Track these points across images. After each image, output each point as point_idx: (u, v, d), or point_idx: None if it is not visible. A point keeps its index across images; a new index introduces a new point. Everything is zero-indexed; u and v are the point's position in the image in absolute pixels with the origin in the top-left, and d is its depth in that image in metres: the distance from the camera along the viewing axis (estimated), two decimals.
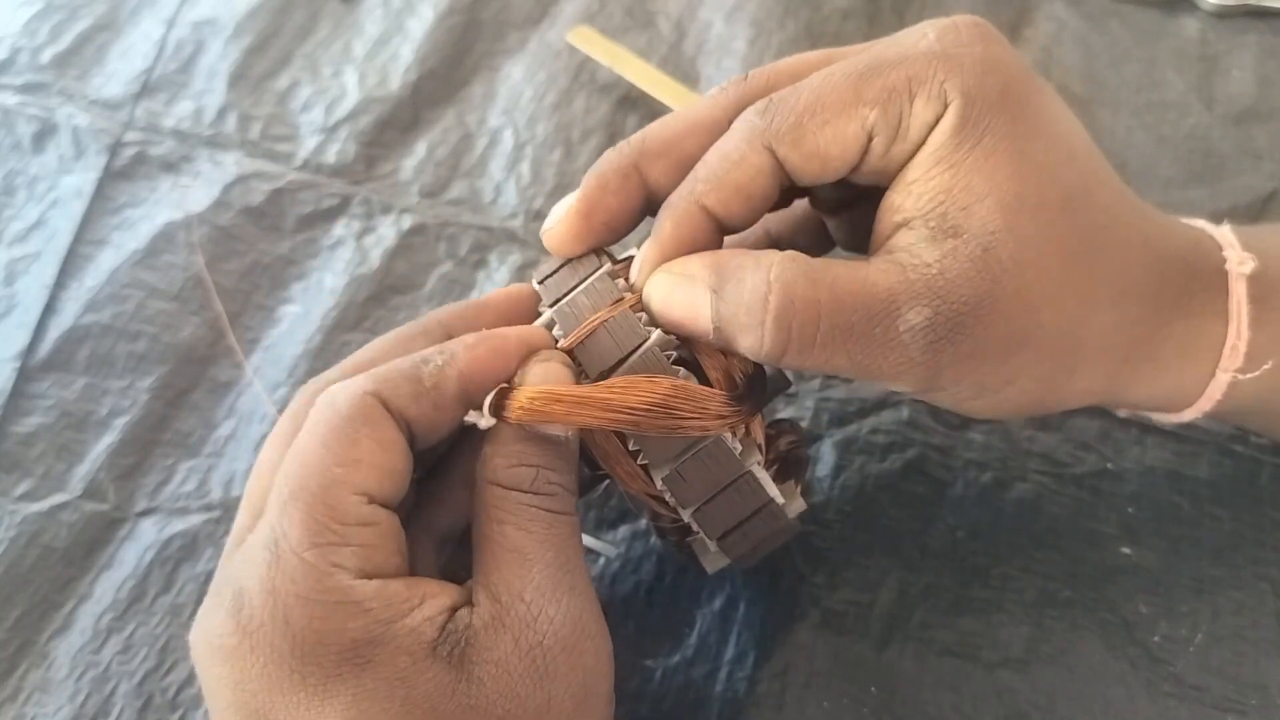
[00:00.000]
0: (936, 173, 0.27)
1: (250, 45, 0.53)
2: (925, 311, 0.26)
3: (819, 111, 0.27)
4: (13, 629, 0.36)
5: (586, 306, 0.29)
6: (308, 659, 0.24)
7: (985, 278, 0.26)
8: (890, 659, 0.34)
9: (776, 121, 0.28)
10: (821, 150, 0.27)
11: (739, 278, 0.27)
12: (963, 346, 0.27)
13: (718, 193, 0.28)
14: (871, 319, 0.26)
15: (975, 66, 0.27)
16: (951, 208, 0.26)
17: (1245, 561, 0.36)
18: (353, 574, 0.25)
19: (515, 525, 0.27)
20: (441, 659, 0.25)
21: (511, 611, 0.26)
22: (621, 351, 0.28)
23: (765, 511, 0.29)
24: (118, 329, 0.44)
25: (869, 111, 0.27)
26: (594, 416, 0.27)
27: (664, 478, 0.29)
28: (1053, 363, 0.28)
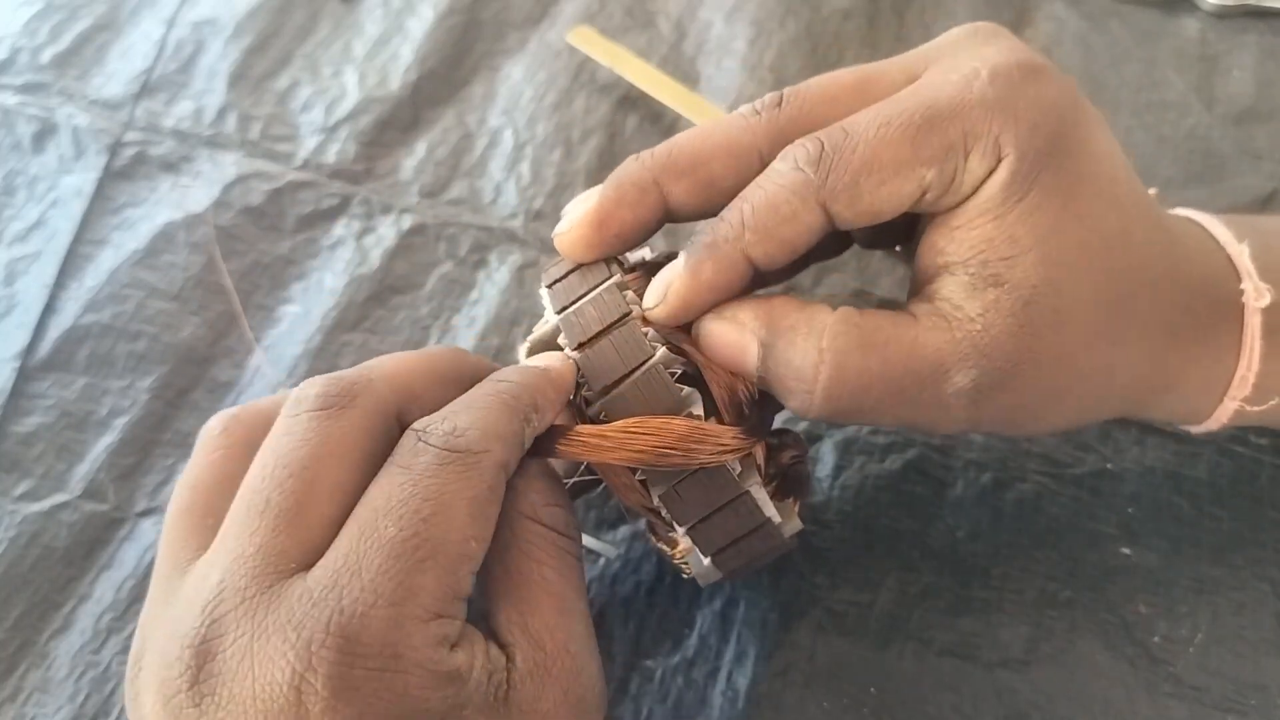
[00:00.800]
0: (981, 223, 0.27)
1: (250, 45, 0.53)
2: (972, 373, 0.27)
3: (876, 171, 0.26)
4: (12, 629, 0.36)
5: (594, 318, 0.29)
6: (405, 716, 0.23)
7: (1026, 333, 0.26)
8: (890, 659, 0.34)
9: (832, 180, 0.27)
10: (876, 208, 0.27)
11: (790, 339, 0.27)
12: (1003, 401, 0.27)
13: (765, 245, 0.28)
14: (921, 384, 0.27)
15: (1028, 115, 0.26)
16: (993, 257, 0.27)
17: (1245, 562, 0.36)
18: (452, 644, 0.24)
19: (555, 570, 0.27)
20: (495, 710, 0.24)
21: (559, 662, 0.25)
22: (626, 367, 0.28)
23: (761, 531, 0.29)
24: (118, 329, 0.44)
25: (926, 171, 0.26)
26: (609, 456, 0.27)
27: (661, 495, 0.29)
28: (1087, 404, 0.29)
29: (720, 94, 0.51)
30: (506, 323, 0.44)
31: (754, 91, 0.51)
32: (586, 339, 0.29)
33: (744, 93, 0.51)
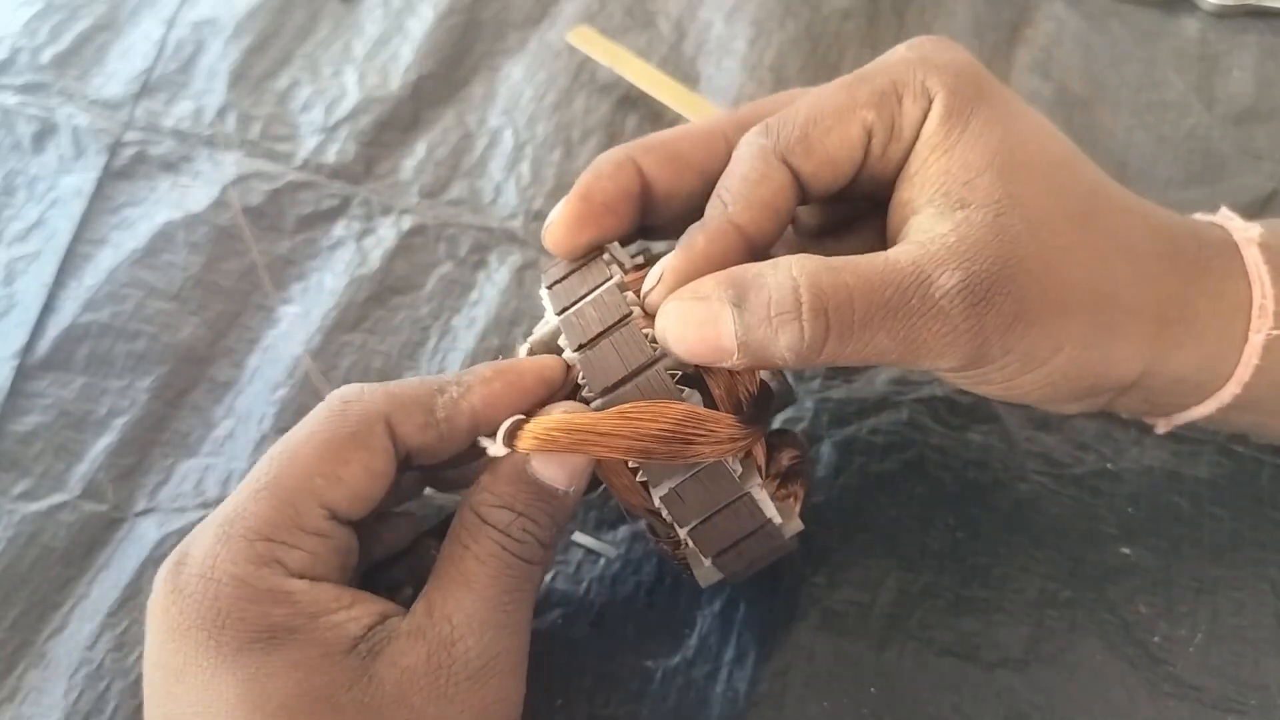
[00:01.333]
0: (934, 159, 0.28)
1: (250, 45, 0.53)
2: (957, 274, 0.26)
3: (820, 120, 0.29)
4: (11, 629, 0.36)
5: (594, 319, 0.29)
6: (225, 629, 0.26)
7: (1003, 241, 0.27)
8: (890, 659, 0.34)
9: (783, 136, 0.29)
10: (831, 155, 0.29)
11: (759, 284, 0.27)
12: (1004, 307, 0.27)
13: (748, 210, 0.29)
14: (905, 292, 0.26)
15: (949, 66, 0.29)
16: (953, 185, 0.28)
17: (1245, 561, 0.36)
18: (291, 573, 0.27)
19: (475, 555, 0.28)
20: (356, 656, 0.26)
21: (436, 628, 0.27)
22: (626, 368, 0.28)
23: (762, 532, 0.29)
24: (117, 328, 0.44)
25: (866, 113, 0.29)
26: (604, 447, 0.27)
27: (661, 496, 0.29)
28: (1092, 319, 0.28)
29: (720, 94, 0.51)
30: (506, 323, 0.44)
31: (754, 91, 0.51)
32: (587, 340, 0.29)
33: (744, 92, 0.50)
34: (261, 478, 0.28)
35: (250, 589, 0.26)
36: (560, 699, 0.34)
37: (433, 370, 0.43)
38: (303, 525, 0.27)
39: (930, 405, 0.40)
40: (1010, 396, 0.30)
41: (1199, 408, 0.31)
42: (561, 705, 0.34)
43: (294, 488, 0.27)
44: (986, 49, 0.51)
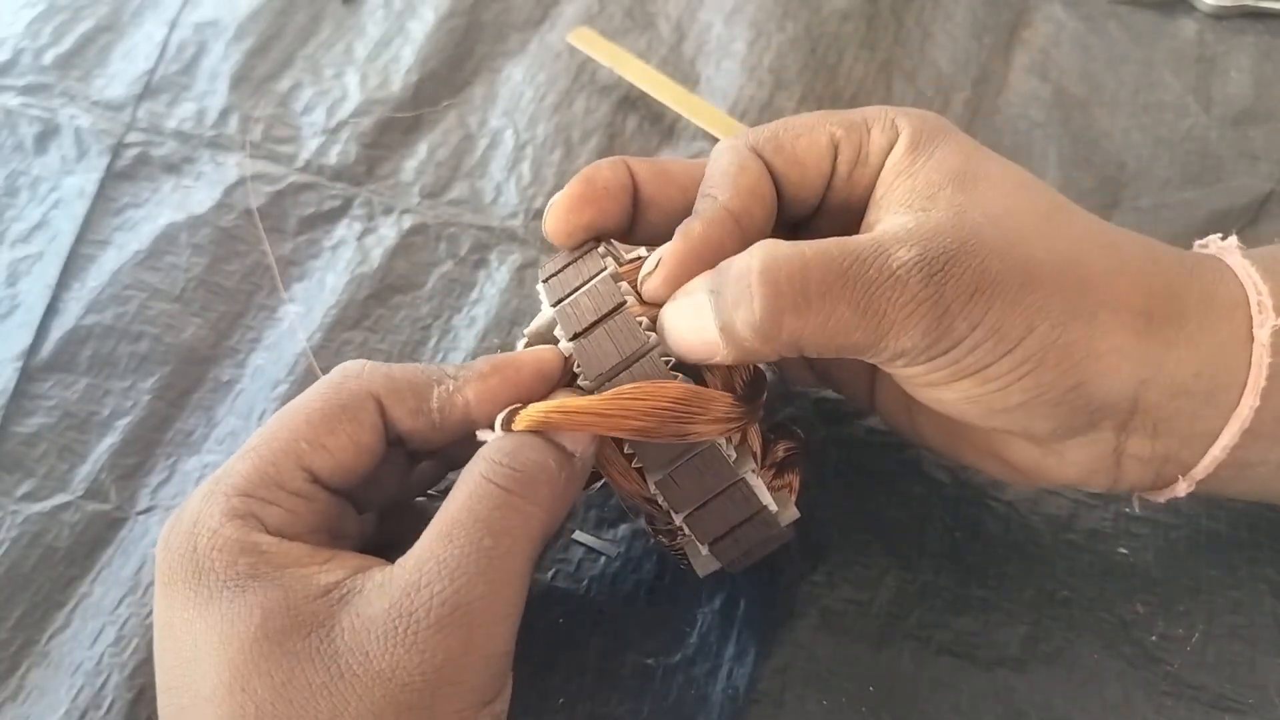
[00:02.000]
0: (899, 182, 0.29)
1: (252, 47, 0.53)
2: (915, 249, 0.27)
3: (790, 127, 0.31)
4: (14, 629, 0.36)
5: (588, 308, 0.29)
6: (201, 579, 0.26)
7: (964, 227, 0.27)
8: (888, 658, 0.34)
9: (753, 136, 0.31)
10: (799, 156, 0.31)
11: (727, 266, 0.28)
12: (964, 278, 0.27)
13: (737, 198, 0.30)
14: (863, 261, 0.27)
15: (917, 113, 0.31)
16: (915, 202, 0.29)
17: (1242, 561, 0.36)
18: (266, 528, 0.28)
19: (461, 499, 0.27)
20: (325, 603, 0.26)
21: (404, 576, 0.26)
22: (620, 355, 0.28)
23: (757, 519, 0.30)
24: (120, 329, 0.44)
25: (835, 129, 0.31)
26: (603, 425, 0.27)
27: (657, 482, 0.29)
28: (1064, 297, 0.27)
29: (719, 95, 0.51)
30: (507, 322, 0.44)
31: (753, 92, 0.51)
32: (581, 329, 0.29)
33: (743, 94, 0.51)
34: (252, 440, 0.29)
35: (223, 539, 0.27)
36: (561, 697, 0.34)
37: None
38: (281, 484, 0.28)
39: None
40: (993, 407, 0.28)
41: (1220, 441, 0.29)
42: (563, 704, 0.34)
43: (278, 449, 0.28)
44: (984, 50, 0.51)
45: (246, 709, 0.25)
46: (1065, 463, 0.30)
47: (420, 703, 0.25)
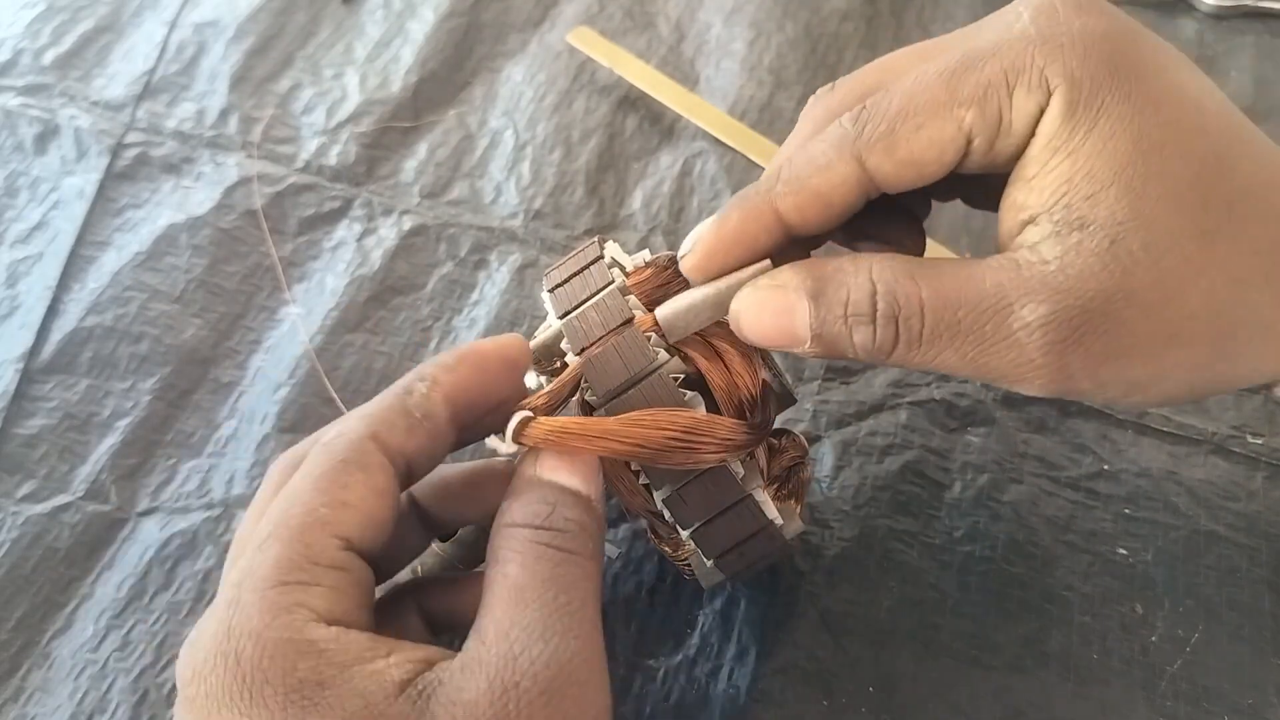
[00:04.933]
0: (1055, 163, 0.25)
1: (252, 47, 0.53)
2: (1042, 309, 0.24)
3: (911, 116, 0.26)
4: (15, 630, 0.36)
5: (596, 323, 0.29)
6: (255, 699, 0.23)
7: (1114, 270, 0.24)
8: (889, 658, 0.34)
9: (869, 130, 0.26)
10: (916, 157, 0.26)
11: (839, 280, 0.26)
12: (1094, 346, 0.25)
13: (795, 196, 0.27)
14: (980, 315, 0.25)
15: (1077, 45, 0.25)
16: (1075, 198, 0.25)
17: (1241, 561, 0.36)
18: (316, 615, 0.24)
19: (520, 564, 0.26)
20: (407, 701, 0.23)
21: (493, 650, 0.24)
22: (629, 372, 0.28)
23: (764, 533, 0.29)
24: (120, 331, 0.44)
25: (964, 112, 0.25)
26: (614, 450, 0.27)
27: (664, 499, 0.29)
28: (1209, 351, 0.26)
29: (719, 95, 0.51)
30: (507, 323, 0.44)
31: (753, 92, 0.51)
32: (590, 343, 0.29)
33: (743, 94, 0.51)
34: (263, 530, 0.25)
35: (271, 643, 0.23)
36: None
37: None
38: (317, 559, 0.25)
39: (928, 408, 0.40)
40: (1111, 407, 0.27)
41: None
42: None
43: (300, 525, 0.25)
44: None
45: None
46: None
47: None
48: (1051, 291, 0.24)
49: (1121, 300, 0.24)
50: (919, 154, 0.26)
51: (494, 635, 0.24)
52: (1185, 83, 0.26)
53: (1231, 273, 0.25)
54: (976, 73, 0.25)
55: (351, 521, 0.26)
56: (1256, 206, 0.25)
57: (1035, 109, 0.25)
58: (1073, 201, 0.25)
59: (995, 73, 0.25)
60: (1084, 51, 0.25)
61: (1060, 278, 0.24)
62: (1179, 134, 0.25)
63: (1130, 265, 0.24)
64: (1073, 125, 0.25)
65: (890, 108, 0.26)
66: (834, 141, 0.27)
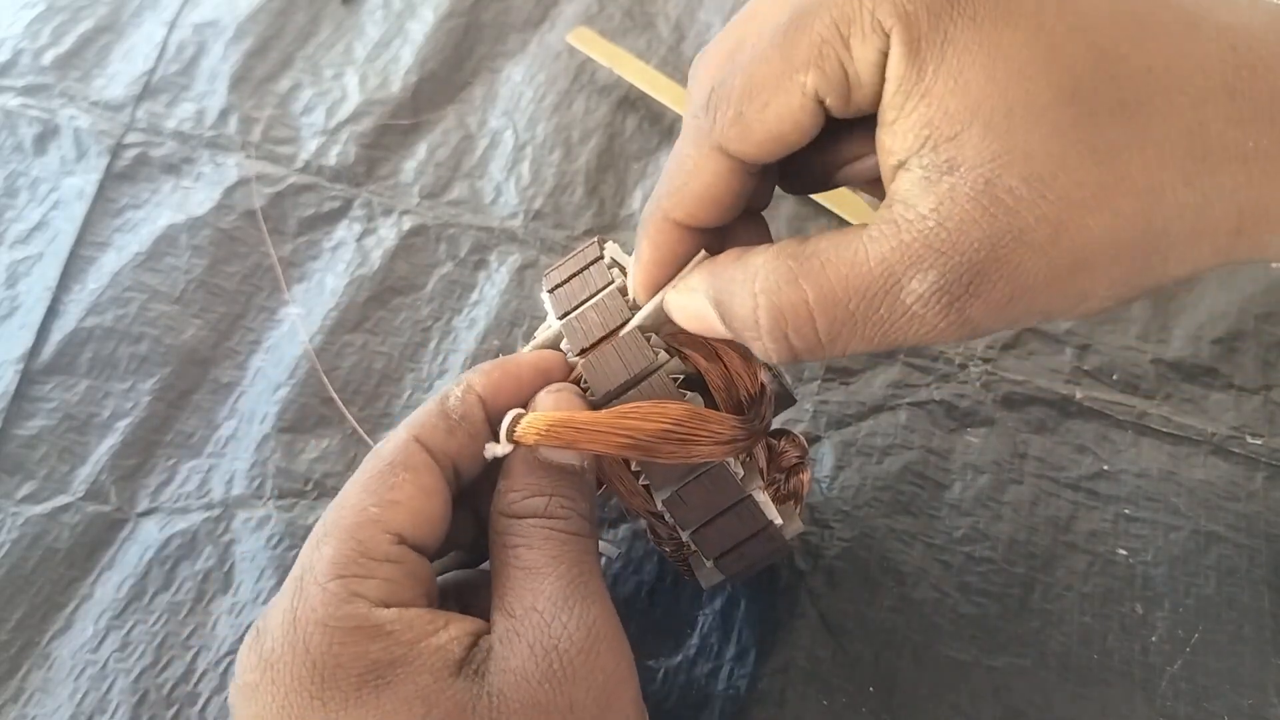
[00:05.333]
0: (910, 106, 0.23)
1: (251, 47, 0.53)
2: (930, 276, 0.23)
3: (755, 94, 0.24)
4: (15, 630, 0.36)
5: (596, 323, 0.29)
6: (327, 684, 0.24)
7: (996, 213, 0.22)
8: (888, 658, 0.34)
9: (719, 117, 0.25)
10: (773, 131, 0.25)
11: (731, 291, 0.26)
12: (993, 295, 0.23)
13: (683, 206, 0.27)
14: (871, 301, 0.24)
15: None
16: (939, 139, 0.23)
17: (1241, 562, 0.36)
18: (374, 603, 0.25)
19: (527, 546, 0.28)
20: (466, 677, 0.25)
21: (525, 621, 0.26)
22: (628, 372, 0.28)
23: (764, 534, 0.29)
24: (120, 331, 0.44)
25: (804, 78, 0.24)
26: (607, 443, 0.27)
27: (664, 499, 0.29)
28: (1127, 267, 0.24)
29: None
30: (507, 323, 0.44)
31: None
32: (589, 344, 0.29)
33: None
34: (317, 532, 0.27)
35: (339, 630, 0.25)
36: None
37: (434, 371, 0.43)
38: (371, 554, 0.26)
39: (928, 408, 0.40)
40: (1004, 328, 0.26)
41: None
42: None
43: (352, 524, 0.27)
44: None
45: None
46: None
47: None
48: (935, 254, 0.23)
49: (1011, 242, 0.22)
50: (774, 130, 0.25)
51: (521, 610, 0.26)
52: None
53: (1141, 184, 0.23)
54: (807, 32, 0.24)
55: (401, 518, 0.27)
56: (1163, 95, 0.23)
57: (877, 56, 0.23)
58: (937, 143, 0.23)
59: (826, 27, 0.23)
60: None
61: (941, 234, 0.23)
62: (1045, 46, 0.22)
63: (1012, 204, 0.22)
64: (919, 64, 0.23)
65: (734, 89, 0.25)
66: (693, 139, 0.26)
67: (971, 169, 0.22)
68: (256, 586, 0.37)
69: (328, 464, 0.40)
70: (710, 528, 0.29)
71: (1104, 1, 0.23)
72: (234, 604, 0.37)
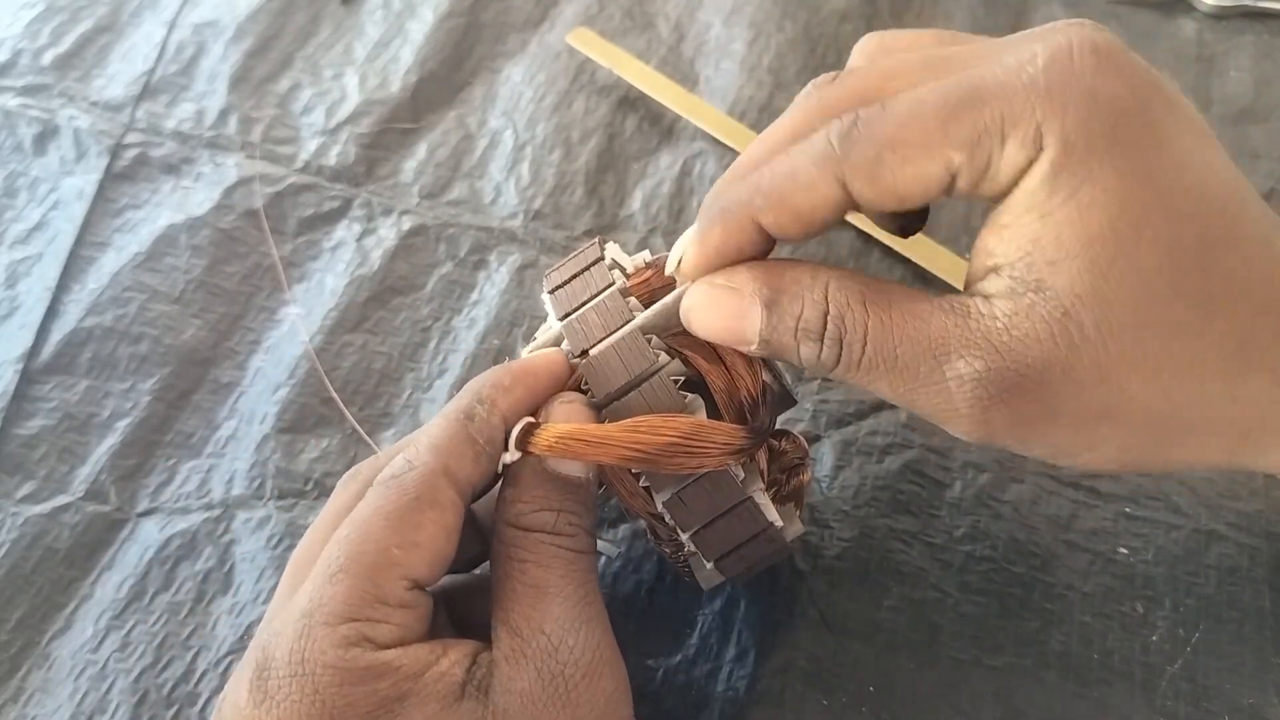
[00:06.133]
0: (1028, 220, 0.24)
1: (251, 47, 0.53)
2: (976, 364, 0.24)
3: (900, 148, 0.25)
4: (15, 630, 0.36)
5: (597, 325, 0.29)
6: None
7: (1060, 342, 0.24)
8: (889, 658, 0.34)
9: (855, 154, 0.25)
10: (900, 189, 0.25)
11: (794, 292, 0.27)
12: (1021, 409, 0.25)
13: (775, 212, 0.27)
14: (917, 356, 0.25)
15: (1080, 106, 0.24)
16: (1039, 259, 0.24)
17: (1242, 561, 0.36)
18: (382, 646, 0.26)
19: (535, 563, 0.28)
20: (470, 698, 0.26)
21: (532, 643, 0.26)
22: (629, 374, 0.28)
23: (764, 535, 0.29)
24: (120, 331, 0.44)
25: (954, 155, 0.24)
26: (616, 455, 0.27)
27: (665, 501, 0.29)
28: (1143, 436, 0.26)
29: (718, 95, 0.51)
30: (506, 323, 0.44)
31: (752, 93, 0.51)
32: (590, 345, 0.29)
33: (742, 94, 0.51)
34: (334, 563, 0.26)
35: (348, 672, 0.25)
36: None
37: (434, 370, 0.43)
38: (385, 599, 0.26)
39: None
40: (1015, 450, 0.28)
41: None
42: None
43: (371, 564, 0.26)
44: None
45: None
46: None
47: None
48: (991, 349, 0.24)
49: (1059, 372, 0.24)
50: (901, 187, 0.25)
51: (529, 630, 0.27)
52: (1189, 159, 0.25)
53: (1188, 368, 0.25)
54: (974, 114, 0.24)
55: (421, 562, 0.27)
56: (1236, 302, 0.25)
57: (1024, 162, 0.24)
58: (1035, 262, 0.24)
59: (992, 118, 0.24)
60: (1086, 114, 0.24)
61: (1004, 337, 0.24)
62: (1164, 216, 0.24)
63: (1078, 340, 0.24)
64: (1053, 187, 0.24)
65: (880, 133, 0.25)
66: (818, 160, 0.26)
67: (1056, 295, 0.24)
68: (256, 587, 0.37)
69: (328, 464, 0.40)
70: (710, 530, 0.29)
71: (1219, 197, 0.25)
72: (234, 604, 0.37)
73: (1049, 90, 0.24)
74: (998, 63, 0.25)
